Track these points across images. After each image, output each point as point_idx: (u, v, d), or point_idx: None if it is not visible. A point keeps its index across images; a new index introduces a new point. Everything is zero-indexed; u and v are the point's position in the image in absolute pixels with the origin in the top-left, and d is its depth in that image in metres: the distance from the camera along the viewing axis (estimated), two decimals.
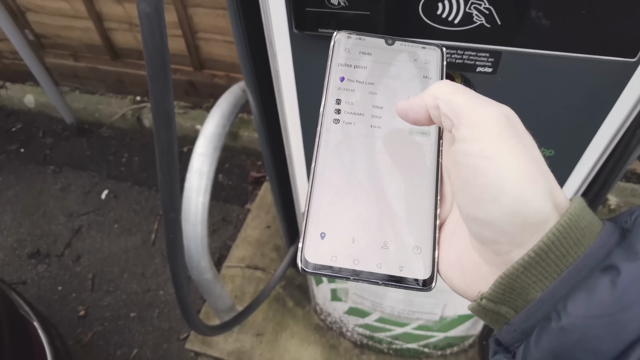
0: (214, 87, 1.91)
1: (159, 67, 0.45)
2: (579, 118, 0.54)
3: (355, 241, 0.29)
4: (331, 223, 0.29)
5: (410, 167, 0.31)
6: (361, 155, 0.31)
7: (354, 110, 0.33)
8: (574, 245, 0.23)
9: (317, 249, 0.29)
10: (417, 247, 0.29)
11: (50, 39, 2.05)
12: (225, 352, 1.36)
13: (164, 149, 0.51)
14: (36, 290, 1.61)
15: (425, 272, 0.29)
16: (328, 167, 0.31)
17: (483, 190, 0.24)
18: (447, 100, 0.26)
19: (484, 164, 0.24)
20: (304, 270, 0.28)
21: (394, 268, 0.29)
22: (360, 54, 0.35)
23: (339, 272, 0.28)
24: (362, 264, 0.28)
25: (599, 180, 0.70)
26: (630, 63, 0.46)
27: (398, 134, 0.32)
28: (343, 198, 0.30)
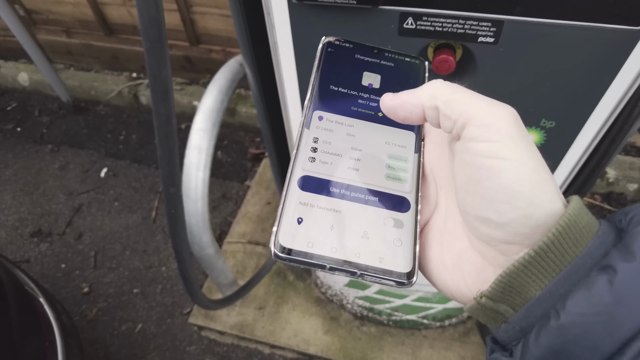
0: (211, 63, 1.88)
1: (155, 38, 0.44)
2: (580, 89, 0.53)
3: (333, 229, 0.28)
4: (309, 209, 0.28)
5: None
6: (342, 147, 0.31)
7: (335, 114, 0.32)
8: (573, 245, 0.23)
9: (293, 234, 0.27)
10: (397, 239, 0.28)
11: (42, 14, 2.00)
12: (228, 325, 1.39)
13: (162, 122, 0.51)
14: (40, 268, 1.63)
15: (406, 265, 0.28)
16: (308, 157, 0.30)
17: (498, 192, 0.24)
18: (448, 100, 0.26)
19: (499, 165, 0.23)
20: (277, 256, 0.26)
21: (373, 258, 0.27)
22: (348, 63, 0.35)
23: (315, 259, 0.27)
24: (340, 252, 0.27)
25: (598, 152, 0.70)
26: (634, 31, 0.45)
27: (377, 141, 0.32)
28: (322, 186, 0.29)
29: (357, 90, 0.33)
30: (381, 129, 0.32)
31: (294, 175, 0.29)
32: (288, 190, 0.29)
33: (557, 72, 0.52)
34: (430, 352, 1.31)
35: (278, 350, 1.38)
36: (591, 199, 1.64)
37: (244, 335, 1.37)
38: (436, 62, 0.53)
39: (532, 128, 0.60)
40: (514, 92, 0.56)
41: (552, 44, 0.49)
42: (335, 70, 0.34)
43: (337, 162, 0.30)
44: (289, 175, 0.29)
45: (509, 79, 0.55)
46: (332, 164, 0.30)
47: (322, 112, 0.32)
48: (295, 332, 1.36)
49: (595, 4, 0.44)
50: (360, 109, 0.33)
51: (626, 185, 1.61)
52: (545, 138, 0.61)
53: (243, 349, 1.40)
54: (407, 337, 1.34)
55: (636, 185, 1.60)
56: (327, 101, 0.33)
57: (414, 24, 0.51)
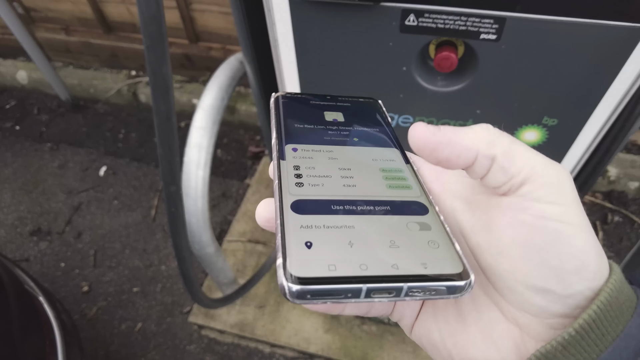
0: (210, 60, 1.87)
1: (156, 35, 0.44)
2: (583, 86, 0.53)
3: (353, 244, 0.22)
4: (315, 230, 0.23)
5: None
6: (328, 168, 0.28)
7: (319, 174, 0.27)
8: (613, 323, 0.21)
9: (306, 260, 0.21)
10: (432, 241, 0.23)
11: (40, 12, 1.99)
12: (229, 324, 1.39)
13: (162, 119, 0.51)
14: (39, 267, 1.63)
15: (455, 265, 0.22)
16: (293, 183, 0.26)
17: (565, 261, 0.21)
18: (507, 151, 0.22)
19: (568, 231, 0.21)
20: (294, 295, 0.20)
21: (415, 265, 0.21)
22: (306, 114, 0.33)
23: (344, 283, 0.20)
24: (373, 267, 0.21)
25: (600, 150, 0.70)
26: (636, 28, 0.45)
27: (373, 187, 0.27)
28: (321, 206, 0.24)
29: (324, 125, 0.32)
30: (362, 150, 0.30)
31: (284, 203, 0.24)
32: (283, 219, 0.23)
33: (559, 70, 0.52)
34: None
35: (278, 349, 1.38)
36: (592, 197, 1.64)
37: (244, 334, 1.37)
38: (438, 60, 0.53)
39: (534, 126, 0.60)
40: (515, 90, 0.56)
41: (555, 41, 0.49)
42: (296, 114, 0.32)
43: (328, 182, 0.26)
44: (278, 206, 0.24)
45: (511, 76, 0.54)
46: (324, 185, 0.26)
47: (294, 144, 0.29)
48: (296, 331, 1.36)
49: (598, 1, 0.43)
50: (333, 137, 0.30)
51: (627, 183, 1.61)
52: (547, 136, 0.61)
53: (243, 348, 1.40)
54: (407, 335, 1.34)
55: (637, 184, 1.60)
56: (297, 136, 0.30)
57: (415, 21, 0.50)
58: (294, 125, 0.31)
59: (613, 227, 1.57)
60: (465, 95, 0.57)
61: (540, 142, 0.62)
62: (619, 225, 1.57)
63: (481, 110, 0.59)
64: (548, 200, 0.22)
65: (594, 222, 1.58)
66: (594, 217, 1.60)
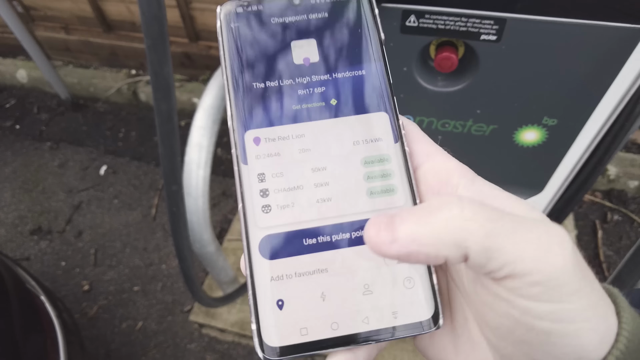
0: (210, 59, 1.87)
1: (157, 35, 0.44)
2: (583, 86, 0.53)
3: (325, 297, 0.22)
4: (286, 283, 0.22)
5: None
6: (299, 174, 0.23)
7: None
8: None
9: (278, 326, 0.21)
10: (408, 278, 0.22)
11: (40, 10, 1.99)
12: (229, 322, 1.39)
13: (163, 119, 0.51)
14: (40, 266, 1.63)
15: (427, 308, 0.22)
16: (260, 206, 0.23)
17: (550, 356, 0.19)
18: (483, 249, 0.18)
19: (560, 330, 0.19)
20: (268, 359, 0.21)
21: (386, 317, 0.22)
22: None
23: (316, 347, 0.21)
24: (344, 326, 0.21)
25: (600, 149, 0.70)
26: (636, 29, 0.45)
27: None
28: (292, 243, 0.22)
29: (292, 76, 0.24)
30: (342, 125, 0.24)
31: (251, 241, 0.22)
32: (252, 267, 0.22)
33: (559, 70, 0.52)
34: None
35: None
36: (592, 196, 1.64)
37: (244, 332, 1.38)
38: (438, 60, 0.53)
39: (534, 126, 0.60)
40: (516, 90, 0.56)
41: (554, 41, 0.49)
42: (251, 55, 0.24)
43: (299, 198, 0.23)
44: (246, 243, 0.22)
45: (511, 76, 0.54)
46: (294, 204, 0.23)
47: (255, 130, 0.23)
48: None
49: (598, 2, 0.43)
50: (304, 104, 0.24)
51: (627, 182, 1.61)
52: (547, 136, 0.61)
53: (244, 347, 1.40)
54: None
55: (637, 183, 1.60)
56: (257, 110, 0.24)
57: (416, 22, 0.51)
58: (251, 86, 0.24)
59: (612, 225, 1.57)
60: (466, 95, 0.57)
61: (540, 142, 0.62)
62: (619, 224, 1.57)
63: (481, 110, 0.59)
64: (537, 299, 0.18)
65: (593, 221, 1.58)
66: (594, 216, 1.60)
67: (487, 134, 0.62)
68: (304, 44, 0.24)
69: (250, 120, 0.24)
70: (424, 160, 0.24)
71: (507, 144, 0.63)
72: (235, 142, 0.24)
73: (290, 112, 0.24)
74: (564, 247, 0.18)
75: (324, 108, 0.24)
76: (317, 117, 0.24)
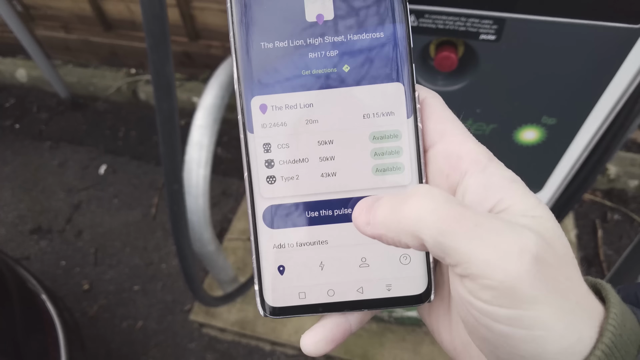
0: (210, 58, 1.87)
1: (159, 35, 0.44)
2: (581, 86, 0.54)
3: (324, 266, 0.23)
4: (288, 251, 0.23)
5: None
6: (306, 145, 0.23)
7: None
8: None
9: (278, 289, 0.23)
10: (404, 255, 0.23)
11: (40, 10, 1.99)
12: (229, 322, 1.40)
13: (165, 118, 0.51)
14: (40, 265, 1.63)
15: (420, 284, 0.23)
16: (265, 177, 0.23)
17: (514, 356, 0.19)
18: (437, 243, 0.19)
19: (518, 335, 0.18)
20: (269, 317, 0.23)
21: (380, 289, 0.23)
22: None
23: (312, 310, 0.23)
24: (339, 293, 0.23)
25: (599, 148, 0.70)
26: (634, 29, 0.45)
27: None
28: (295, 214, 0.23)
29: (303, 36, 0.22)
30: (353, 95, 0.22)
31: (256, 210, 0.23)
32: (257, 233, 0.23)
33: (558, 69, 0.52)
34: (430, 349, 1.32)
35: (279, 347, 1.39)
36: (592, 195, 1.64)
37: (245, 332, 1.38)
38: (438, 59, 0.54)
39: (533, 125, 0.60)
40: (515, 89, 0.56)
41: (554, 41, 0.49)
42: (260, 11, 0.22)
43: (304, 172, 0.23)
44: (251, 212, 0.23)
45: (511, 76, 0.55)
46: (300, 177, 0.23)
47: (262, 96, 0.23)
48: (297, 329, 1.37)
49: (595, 3, 0.44)
50: (314, 69, 0.22)
51: (627, 181, 1.62)
52: (546, 135, 0.61)
53: (244, 346, 1.41)
54: (408, 333, 1.35)
55: (637, 182, 1.61)
56: (265, 73, 0.22)
57: (416, 21, 0.51)
58: (259, 46, 0.22)
59: (613, 225, 1.57)
60: (465, 94, 0.58)
61: (540, 141, 0.62)
62: (619, 224, 1.58)
63: (481, 109, 0.59)
64: (493, 303, 0.18)
65: (593, 221, 1.59)
66: (594, 215, 1.60)
67: (487, 133, 0.62)
68: (316, 2, 0.22)
69: (257, 86, 0.23)
70: (437, 140, 0.23)
71: (506, 143, 0.63)
72: (242, 108, 0.23)
73: (299, 77, 0.22)
74: (522, 255, 0.18)
75: (335, 75, 0.22)
76: (327, 85, 0.22)
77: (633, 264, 0.52)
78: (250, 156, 0.23)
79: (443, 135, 0.23)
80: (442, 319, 0.24)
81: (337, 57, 0.22)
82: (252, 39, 0.23)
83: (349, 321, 0.24)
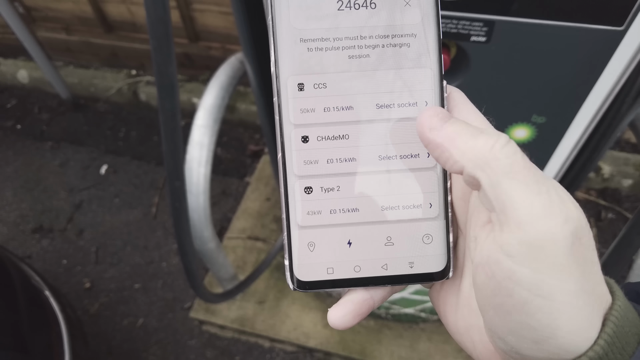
0: (210, 59, 1.89)
1: (163, 37, 0.46)
2: (568, 85, 0.56)
3: (352, 244, 0.25)
4: (319, 227, 0.24)
5: (405, 133, 0.24)
6: (338, 123, 0.24)
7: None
8: (619, 354, 0.20)
9: (308, 263, 0.24)
10: (427, 235, 0.25)
11: (41, 11, 2.01)
12: (229, 319, 1.41)
13: (167, 117, 0.53)
14: (42, 264, 1.65)
15: (440, 263, 0.25)
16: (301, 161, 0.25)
17: (523, 327, 0.20)
18: (494, 183, 0.19)
19: (535, 302, 0.19)
20: (298, 290, 0.25)
21: (403, 266, 0.25)
22: None
23: (339, 284, 0.25)
24: (365, 269, 0.25)
25: (589, 146, 0.72)
26: (617, 31, 0.47)
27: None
28: (328, 190, 0.24)
29: (338, 20, 0.24)
30: (385, 80, 0.24)
31: (289, 189, 0.24)
32: (289, 214, 0.24)
33: (546, 70, 0.54)
34: (427, 345, 1.34)
35: (278, 343, 1.40)
36: (586, 194, 1.66)
37: (244, 329, 1.40)
38: None
39: (524, 123, 0.62)
40: (505, 89, 0.58)
41: (541, 42, 0.51)
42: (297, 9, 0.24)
43: (336, 152, 0.24)
44: (284, 189, 0.24)
45: (501, 75, 0.57)
46: (332, 161, 0.24)
47: (300, 75, 0.24)
48: (295, 326, 1.39)
49: (581, 6, 0.46)
50: (350, 51, 0.24)
51: (621, 180, 1.64)
52: (536, 133, 0.63)
53: (243, 343, 1.43)
54: (405, 330, 1.37)
55: (631, 181, 1.63)
56: (302, 54, 0.24)
57: None
58: (298, 28, 0.24)
59: (607, 223, 1.59)
60: None
61: (530, 139, 0.64)
62: (613, 222, 1.60)
63: None
64: (522, 262, 0.19)
65: (588, 219, 1.61)
66: (588, 214, 1.62)
67: None
68: None
69: (294, 62, 0.24)
70: None
71: None
72: (279, 89, 0.24)
73: (335, 59, 0.24)
74: (566, 223, 0.19)
75: (369, 60, 0.24)
76: (363, 67, 0.24)
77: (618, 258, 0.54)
78: (285, 137, 0.24)
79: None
80: (449, 300, 0.26)
81: (371, 42, 0.24)
82: (290, 20, 0.24)
83: (373, 297, 0.25)
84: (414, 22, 0.24)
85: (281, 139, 0.24)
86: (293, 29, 0.24)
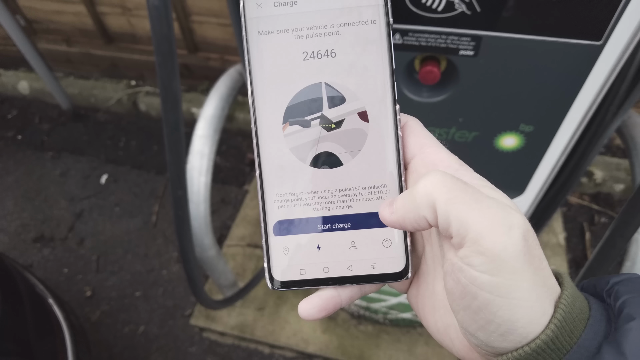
0: (209, 70, 1.92)
1: (167, 53, 0.49)
2: (554, 95, 0.58)
3: (321, 248, 0.28)
4: (292, 234, 0.28)
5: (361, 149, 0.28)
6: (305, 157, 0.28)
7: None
8: (567, 337, 0.22)
9: (283, 265, 0.28)
10: (386, 239, 0.28)
11: (42, 24, 2.04)
12: (229, 326, 1.43)
13: (171, 128, 0.56)
14: (43, 273, 1.66)
15: (399, 264, 0.28)
16: (277, 179, 0.29)
17: (489, 323, 0.23)
18: (445, 212, 0.23)
19: (496, 302, 0.22)
20: (275, 289, 0.28)
21: (366, 267, 0.28)
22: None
23: (311, 284, 0.28)
24: (332, 270, 0.28)
25: (577, 153, 0.75)
26: (596, 46, 0.50)
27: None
28: (299, 205, 0.28)
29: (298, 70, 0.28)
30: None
31: (267, 200, 0.29)
32: (267, 220, 0.28)
33: (531, 81, 0.57)
34: (425, 349, 1.35)
35: (278, 349, 1.42)
36: (579, 199, 1.69)
37: (244, 335, 1.41)
38: (422, 73, 0.58)
39: (512, 132, 0.65)
40: (494, 100, 0.61)
41: (526, 56, 0.54)
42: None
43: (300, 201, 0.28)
44: (261, 203, 0.29)
45: (489, 87, 0.60)
46: (298, 203, 0.28)
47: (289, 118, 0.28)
48: (295, 332, 1.40)
49: (561, 22, 0.49)
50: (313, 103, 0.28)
51: (613, 185, 1.67)
52: (524, 141, 0.66)
53: (243, 349, 1.44)
54: (402, 334, 1.38)
55: (622, 186, 1.66)
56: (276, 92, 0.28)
57: (401, 39, 0.56)
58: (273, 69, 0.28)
59: (600, 227, 1.62)
60: (448, 105, 0.62)
61: (519, 147, 0.67)
62: (606, 226, 1.62)
63: (463, 119, 0.64)
64: (481, 269, 0.22)
65: (581, 224, 1.63)
66: (582, 218, 1.65)
67: (470, 140, 0.67)
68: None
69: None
70: (417, 152, 0.28)
71: (488, 150, 0.68)
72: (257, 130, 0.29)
73: (306, 107, 0.28)
74: (513, 230, 0.22)
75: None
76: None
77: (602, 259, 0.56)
78: (262, 165, 0.28)
79: (422, 148, 0.28)
80: (427, 303, 0.29)
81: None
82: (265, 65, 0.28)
83: (340, 295, 0.28)
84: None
85: (258, 159, 0.28)
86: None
